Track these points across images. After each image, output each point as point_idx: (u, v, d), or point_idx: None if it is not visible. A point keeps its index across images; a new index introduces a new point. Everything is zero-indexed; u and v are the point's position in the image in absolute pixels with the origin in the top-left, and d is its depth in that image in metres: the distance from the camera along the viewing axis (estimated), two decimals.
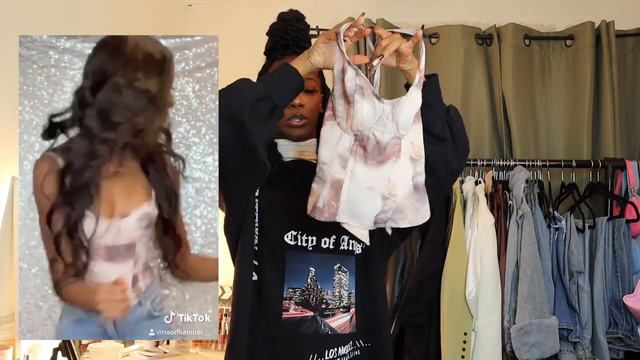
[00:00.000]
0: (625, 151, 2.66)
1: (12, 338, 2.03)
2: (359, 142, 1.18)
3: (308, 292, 1.39)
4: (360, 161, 1.18)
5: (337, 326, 1.41)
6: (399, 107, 1.18)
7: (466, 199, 2.39)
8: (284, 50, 1.50)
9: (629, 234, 2.32)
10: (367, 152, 1.18)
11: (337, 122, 1.21)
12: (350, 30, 1.25)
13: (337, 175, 1.18)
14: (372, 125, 1.17)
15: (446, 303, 2.26)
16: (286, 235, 1.40)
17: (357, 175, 1.17)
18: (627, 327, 2.26)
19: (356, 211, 1.18)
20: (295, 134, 1.48)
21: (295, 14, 1.51)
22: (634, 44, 2.73)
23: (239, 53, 2.90)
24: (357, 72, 1.18)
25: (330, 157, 1.20)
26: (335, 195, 1.17)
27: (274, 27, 1.52)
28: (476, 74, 2.74)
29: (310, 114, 1.47)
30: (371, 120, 1.17)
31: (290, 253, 1.38)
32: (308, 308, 1.39)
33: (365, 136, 1.18)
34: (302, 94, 1.41)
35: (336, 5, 2.91)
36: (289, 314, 1.37)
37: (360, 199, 1.17)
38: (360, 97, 1.17)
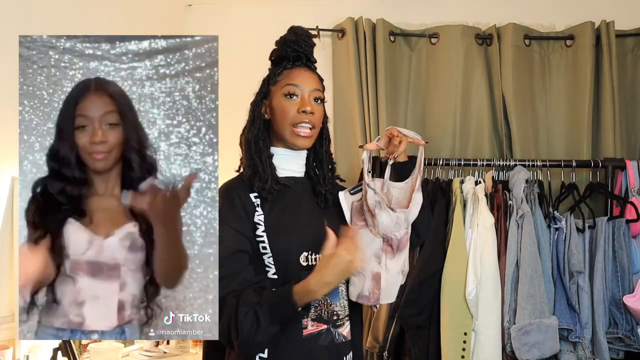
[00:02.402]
0: (625, 151, 2.67)
1: (12, 338, 2.03)
2: (386, 243, 1.51)
3: (320, 307, 1.47)
4: (390, 256, 1.51)
5: (346, 333, 1.52)
6: (408, 212, 1.51)
7: (466, 199, 2.39)
8: (295, 61, 1.54)
9: (629, 234, 2.32)
10: (393, 248, 1.51)
11: (369, 229, 1.51)
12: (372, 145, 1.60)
13: (375, 269, 1.50)
14: (392, 229, 1.49)
15: (446, 303, 2.26)
16: (300, 257, 1.46)
17: (389, 268, 1.51)
18: (627, 327, 2.26)
19: (391, 292, 1.53)
20: (300, 143, 1.51)
21: (304, 30, 1.56)
22: (634, 44, 2.73)
23: (239, 53, 2.91)
24: (375, 192, 1.50)
25: (368, 257, 1.50)
26: (377, 285, 1.50)
27: (286, 38, 1.55)
28: (476, 74, 2.74)
29: (318, 122, 1.53)
30: (390, 226, 1.49)
31: (305, 274, 1.40)
32: (322, 322, 1.47)
33: (389, 238, 1.50)
34: (312, 102, 1.50)
35: (336, 5, 2.91)
36: (308, 331, 1.45)
37: (392, 284, 1.52)
38: (379, 210, 1.48)
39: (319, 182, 1.56)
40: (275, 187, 1.49)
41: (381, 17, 2.76)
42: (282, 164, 1.54)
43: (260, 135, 1.52)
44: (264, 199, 1.48)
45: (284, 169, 1.54)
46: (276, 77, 1.53)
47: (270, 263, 1.45)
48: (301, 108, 1.48)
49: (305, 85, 1.50)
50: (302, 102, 1.49)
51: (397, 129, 1.59)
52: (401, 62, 2.83)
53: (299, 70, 1.52)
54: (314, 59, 1.57)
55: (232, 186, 1.51)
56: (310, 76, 1.53)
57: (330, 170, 1.60)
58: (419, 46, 2.84)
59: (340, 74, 2.81)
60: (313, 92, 1.51)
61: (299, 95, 1.49)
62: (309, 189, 1.57)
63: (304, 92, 1.50)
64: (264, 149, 1.51)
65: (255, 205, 1.47)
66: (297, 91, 1.49)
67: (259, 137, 1.52)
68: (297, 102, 1.49)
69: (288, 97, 1.49)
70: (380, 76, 2.72)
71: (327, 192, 1.57)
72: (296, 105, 1.49)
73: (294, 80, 1.50)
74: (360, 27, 2.76)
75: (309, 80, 1.52)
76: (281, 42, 1.55)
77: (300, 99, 1.49)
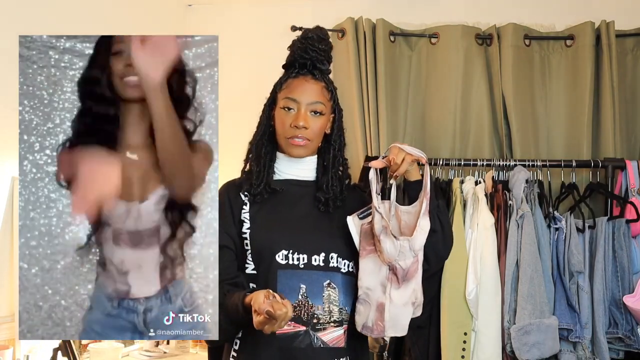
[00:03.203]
0: (625, 151, 2.66)
1: (12, 338, 2.03)
2: (392, 271, 1.45)
3: (299, 308, 1.45)
4: (394, 287, 1.45)
5: (329, 340, 1.48)
6: (412, 240, 1.44)
7: (466, 199, 2.39)
8: (301, 69, 1.53)
9: (629, 234, 2.31)
10: (398, 278, 1.45)
11: (378, 255, 1.46)
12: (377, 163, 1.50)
13: (380, 299, 1.45)
14: (396, 257, 1.44)
15: (446, 303, 2.26)
16: (277, 255, 1.46)
17: (394, 299, 1.45)
18: (627, 327, 2.26)
19: (397, 324, 1.47)
20: (295, 153, 1.53)
21: (318, 32, 1.54)
22: (634, 44, 2.72)
23: (239, 53, 2.91)
24: (382, 216, 1.45)
25: (374, 284, 1.45)
26: (380, 316, 1.45)
27: (295, 44, 1.55)
28: (476, 74, 2.73)
29: (313, 136, 1.52)
30: (394, 254, 1.43)
31: (282, 272, 1.45)
32: (300, 323, 1.45)
33: (394, 266, 1.45)
34: (307, 116, 1.50)
35: (336, 5, 2.91)
36: (283, 330, 1.39)
37: (399, 315, 1.46)
38: (384, 237, 1.43)
39: (321, 187, 1.56)
40: (266, 193, 1.52)
41: (381, 17, 2.76)
42: (285, 168, 1.57)
43: (263, 142, 1.55)
44: (254, 199, 1.52)
45: (287, 173, 1.56)
46: (281, 85, 1.54)
47: (250, 259, 1.49)
48: (294, 123, 1.49)
49: (304, 98, 1.50)
50: (297, 117, 1.49)
51: (399, 146, 1.49)
52: (401, 62, 2.82)
53: (301, 81, 1.52)
54: (323, 65, 1.54)
55: (226, 186, 1.56)
56: (311, 87, 1.52)
57: (338, 178, 1.58)
58: (419, 46, 2.83)
59: (340, 74, 2.81)
60: (311, 105, 1.50)
61: (295, 108, 1.50)
62: (312, 192, 1.57)
63: (300, 105, 1.50)
64: (264, 156, 1.54)
65: (244, 203, 1.52)
66: (294, 105, 1.50)
67: (262, 143, 1.55)
68: (293, 116, 1.50)
69: (286, 110, 1.51)
70: (380, 76, 2.72)
71: (329, 198, 1.55)
72: (291, 119, 1.50)
73: (292, 92, 1.51)
74: (360, 27, 2.76)
75: (309, 92, 1.51)
76: (291, 48, 1.55)
77: (296, 113, 1.50)
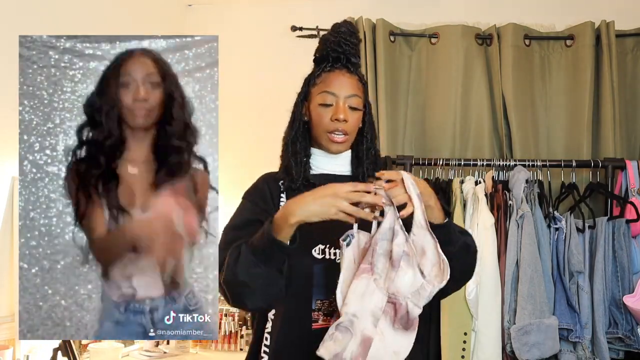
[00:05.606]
0: (625, 151, 2.67)
1: (12, 338, 2.03)
2: (392, 305, 1.20)
3: (335, 302, 1.40)
4: (389, 323, 1.20)
5: None
6: (438, 287, 1.20)
7: (466, 199, 2.39)
8: (335, 62, 1.52)
9: (629, 234, 2.32)
10: (396, 317, 1.20)
11: (374, 278, 1.21)
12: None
13: (367, 332, 1.18)
14: (408, 295, 1.20)
15: (446, 303, 2.26)
16: (314, 249, 1.43)
17: (386, 338, 1.18)
18: (627, 327, 2.26)
19: None
20: (334, 149, 1.51)
21: (348, 26, 1.53)
22: (634, 44, 2.73)
23: (239, 53, 2.91)
24: (406, 239, 1.20)
25: (362, 312, 1.20)
26: (364, 353, 1.17)
27: (327, 38, 1.53)
28: (476, 74, 2.74)
29: (352, 129, 1.51)
30: (409, 290, 1.19)
31: (318, 267, 1.40)
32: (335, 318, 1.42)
33: (398, 301, 1.20)
34: (347, 109, 1.47)
35: (336, 5, 2.91)
36: (318, 325, 1.40)
37: (384, 357, 1.19)
38: (406, 265, 1.19)
39: (357, 180, 1.53)
40: (303, 187, 1.47)
41: (381, 17, 2.76)
42: (321, 164, 1.54)
43: (298, 137, 1.53)
44: (292, 192, 1.48)
45: (323, 168, 1.54)
46: (315, 80, 1.52)
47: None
48: (334, 116, 1.47)
49: (341, 91, 1.48)
50: (336, 110, 1.47)
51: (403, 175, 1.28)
52: (401, 62, 2.83)
53: (337, 74, 1.50)
54: (355, 59, 1.53)
55: (265, 176, 1.56)
56: (347, 81, 1.50)
57: (372, 169, 1.56)
58: (419, 46, 2.84)
59: None
60: (348, 98, 1.49)
61: (334, 102, 1.48)
62: None
63: (339, 99, 1.48)
64: (300, 152, 1.52)
65: (282, 191, 1.50)
66: (332, 99, 1.48)
67: (296, 139, 1.52)
68: (332, 109, 1.48)
69: (323, 105, 1.49)
70: (380, 76, 2.72)
71: None
72: (330, 112, 1.48)
73: (329, 86, 1.49)
74: (360, 27, 2.76)
75: (346, 85, 1.49)
76: (322, 42, 1.54)
77: (335, 107, 1.48)
